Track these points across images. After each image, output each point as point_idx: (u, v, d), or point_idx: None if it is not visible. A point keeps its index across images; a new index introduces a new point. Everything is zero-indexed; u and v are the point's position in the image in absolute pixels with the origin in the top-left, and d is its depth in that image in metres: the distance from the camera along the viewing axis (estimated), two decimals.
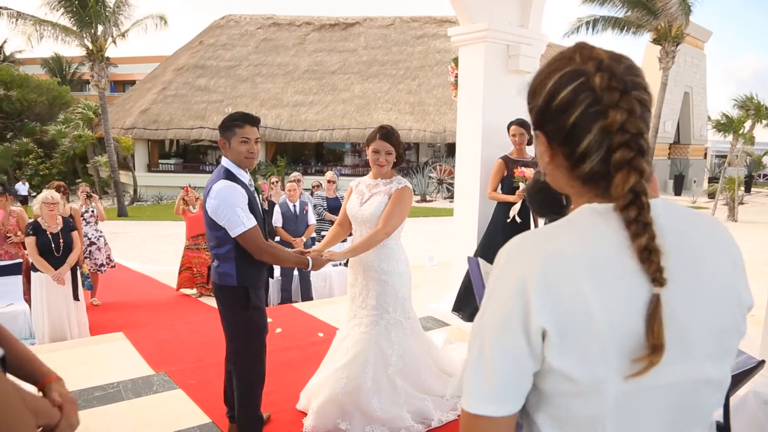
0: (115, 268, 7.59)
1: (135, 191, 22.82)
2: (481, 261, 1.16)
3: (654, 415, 0.86)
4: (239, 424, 2.94)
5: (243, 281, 2.75)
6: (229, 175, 2.73)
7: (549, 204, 2.39)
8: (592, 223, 0.87)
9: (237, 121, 2.73)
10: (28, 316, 5.53)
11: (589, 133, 0.85)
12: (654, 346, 0.79)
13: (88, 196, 7.24)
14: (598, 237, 0.85)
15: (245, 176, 2.80)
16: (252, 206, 2.72)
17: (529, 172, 4.44)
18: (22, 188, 20.35)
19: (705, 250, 0.89)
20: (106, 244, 7.35)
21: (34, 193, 19.17)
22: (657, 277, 0.80)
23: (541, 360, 0.84)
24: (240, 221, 2.63)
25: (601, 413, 0.84)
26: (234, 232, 2.64)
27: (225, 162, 2.78)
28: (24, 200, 19.18)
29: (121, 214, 18.92)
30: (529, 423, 0.92)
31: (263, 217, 2.90)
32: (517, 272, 0.84)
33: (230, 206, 2.63)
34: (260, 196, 2.99)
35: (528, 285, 0.82)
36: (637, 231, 0.82)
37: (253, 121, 2.78)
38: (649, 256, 0.81)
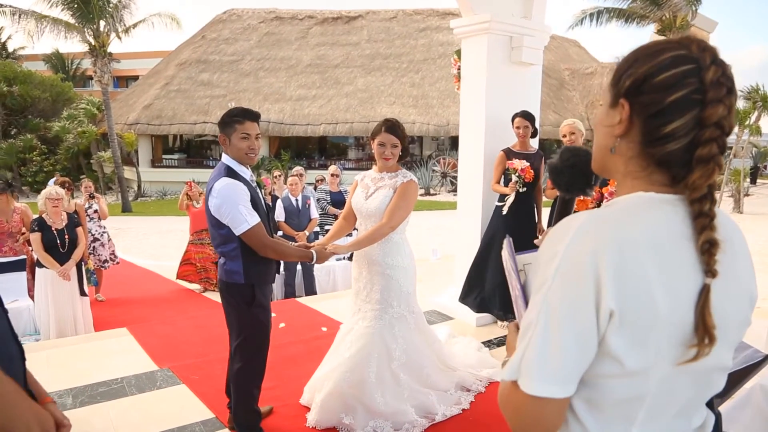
0: (119, 264, 7.59)
1: (139, 187, 22.85)
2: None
3: (679, 397, 0.90)
4: (236, 417, 2.94)
5: (250, 278, 2.74)
6: (231, 172, 2.70)
7: (577, 180, 2.34)
8: (656, 212, 0.88)
9: (237, 117, 2.70)
10: (33, 312, 5.55)
11: (682, 117, 0.86)
12: (707, 335, 0.83)
13: (91, 196, 7.22)
14: (664, 226, 0.87)
15: (246, 172, 2.78)
16: (255, 202, 2.70)
17: (519, 164, 4.41)
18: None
19: (735, 245, 0.92)
20: (109, 240, 7.35)
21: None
22: (711, 269, 0.84)
23: (600, 342, 0.85)
24: (243, 219, 2.61)
25: (641, 395, 0.86)
26: (238, 230, 2.62)
27: (225, 159, 2.75)
28: None
29: (125, 209, 18.95)
30: None
31: (267, 212, 2.88)
32: (589, 248, 0.84)
33: (233, 204, 2.60)
34: (263, 191, 2.97)
35: (600, 264, 0.82)
36: (705, 224, 0.85)
37: (253, 116, 2.75)
38: (709, 249, 0.84)
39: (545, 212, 4.69)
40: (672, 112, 0.87)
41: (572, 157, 2.34)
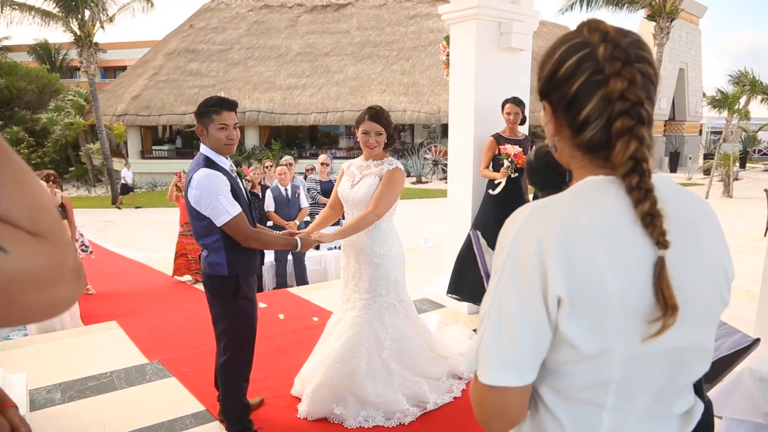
0: (92, 255, 7.50)
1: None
2: (479, 234, 1.13)
3: (650, 380, 0.89)
4: (224, 411, 2.92)
5: (234, 270, 2.71)
6: (209, 163, 2.65)
7: (551, 178, 2.33)
8: (600, 194, 0.89)
9: (214, 107, 2.64)
10: None
11: (590, 101, 0.88)
12: (667, 306, 0.82)
13: (48, 179, 6.85)
14: (607, 206, 0.87)
15: (226, 162, 2.73)
16: (235, 192, 2.66)
17: (512, 150, 4.39)
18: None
19: (698, 221, 0.92)
20: (81, 235, 7.24)
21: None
22: (661, 240, 0.83)
23: (554, 329, 0.85)
24: (224, 209, 2.57)
25: (606, 379, 0.86)
26: (219, 221, 2.58)
27: (204, 149, 2.70)
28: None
29: (115, 201, 18.80)
30: (531, 395, 0.94)
31: (248, 202, 2.84)
32: (534, 237, 0.85)
33: (213, 195, 2.56)
34: (243, 180, 2.92)
35: (545, 251, 0.83)
36: (639, 197, 0.85)
37: (231, 105, 2.69)
38: (652, 221, 0.84)
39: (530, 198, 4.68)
40: (581, 99, 0.89)
41: (546, 155, 2.33)
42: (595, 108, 0.88)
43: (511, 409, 0.89)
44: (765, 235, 9.77)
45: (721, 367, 1.63)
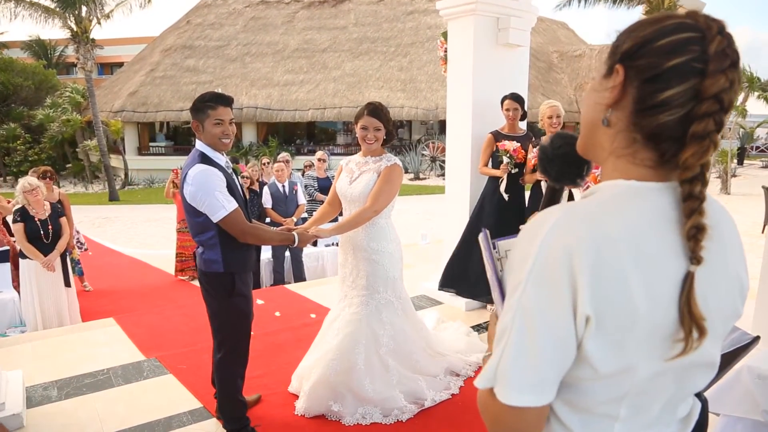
0: (88, 252, 7.49)
1: (126, 175, 22.59)
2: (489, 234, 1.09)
3: (663, 392, 0.86)
4: (220, 407, 2.92)
5: (230, 267, 2.69)
6: (205, 159, 2.64)
7: (567, 170, 2.25)
8: (639, 202, 0.82)
9: (209, 103, 2.63)
10: (18, 303, 5.47)
11: (679, 84, 0.79)
12: (693, 327, 0.78)
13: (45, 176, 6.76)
14: (641, 217, 0.81)
15: (221, 158, 2.72)
16: (231, 188, 2.64)
17: (510, 145, 4.38)
18: None
19: (725, 233, 0.87)
20: (77, 232, 7.22)
21: None
22: (697, 256, 0.78)
23: (579, 346, 0.80)
24: (220, 205, 2.55)
25: (621, 395, 0.83)
26: (215, 217, 2.57)
27: (199, 145, 2.68)
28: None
29: (113, 198, 18.75)
30: None
31: (244, 198, 2.82)
32: (562, 248, 0.78)
33: (208, 191, 2.55)
34: (239, 177, 2.91)
35: (576, 265, 0.77)
36: (694, 207, 0.79)
37: (226, 101, 2.68)
38: (696, 234, 0.78)
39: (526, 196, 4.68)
40: (669, 78, 0.79)
41: (564, 145, 2.26)
42: (681, 95, 0.79)
43: (528, 429, 0.84)
44: (763, 232, 9.78)
45: (721, 364, 1.62)
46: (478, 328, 4.34)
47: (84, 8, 18.49)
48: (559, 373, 0.81)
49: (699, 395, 1.02)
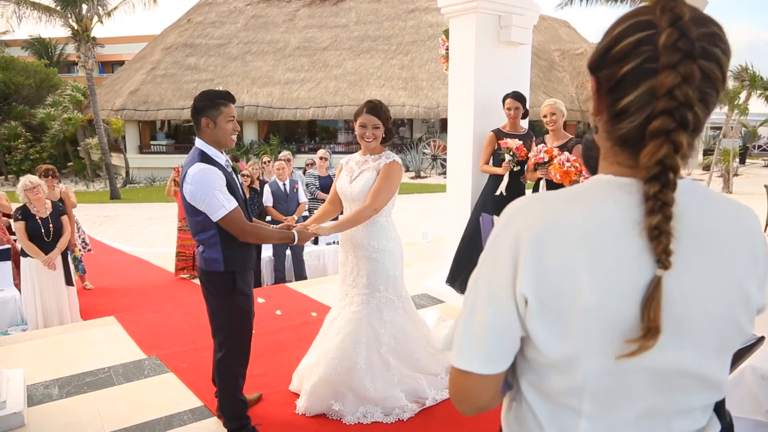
0: (91, 252, 7.50)
1: (127, 173, 22.60)
2: (495, 219, 1.07)
3: (635, 397, 0.84)
4: (221, 406, 2.91)
5: (230, 266, 2.68)
6: (205, 158, 2.63)
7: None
8: (604, 197, 0.82)
9: (223, 100, 2.63)
10: (19, 301, 5.47)
11: (635, 89, 0.78)
12: (649, 329, 0.76)
13: (51, 175, 6.81)
14: (606, 211, 0.81)
15: (222, 157, 2.71)
16: (231, 187, 2.63)
17: (513, 143, 4.37)
18: None
19: (722, 239, 0.83)
20: (79, 228, 7.22)
21: None
22: (662, 259, 0.76)
23: (525, 327, 0.84)
24: (220, 204, 2.54)
25: (578, 387, 0.84)
26: (215, 216, 2.56)
27: (199, 144, 2.66)
28: None
29: (114, 196, 18.75)
30: (516, 385, 0.95)
31: (244, 197, 2.82)
32: (513, 232, 0.83)
33: (208, 190, 2.54)
34: (239, 175, 2.90)
35: (520, 248, 0.81)
36: (653, 208, 0.77)
37: (233, 98, 2.72)
38: (658, 236, 0.76)
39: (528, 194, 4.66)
40: (626, 85, 0.79)
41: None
42: (638, 99, 0.78)
43: (478, 394, 0.90)
44: (765, 230, 9.77)
45: None
46: None
47: (84, 6, 18.47)
48: (504, 347, 0.86)
49: (722, 417, 0.96)
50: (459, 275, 4.71)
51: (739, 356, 1.60)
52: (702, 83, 0.77)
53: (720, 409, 0.96)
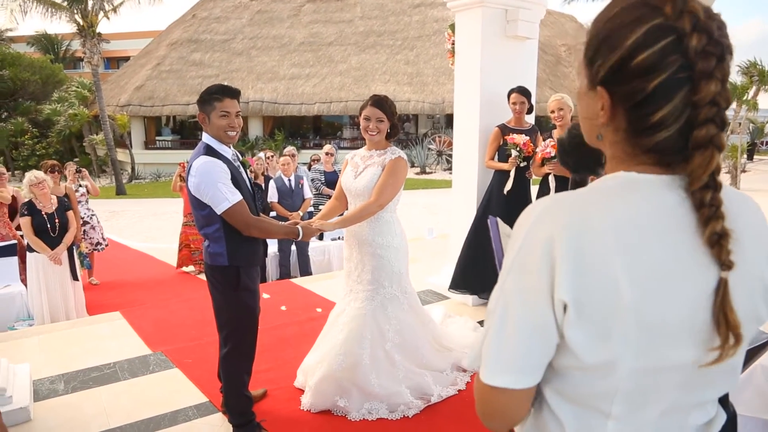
0: (108, 246, 7.53)
1: (133, 169, 22.67)
2: (499, 221, 1.04)
3: (661, 395, 0.82)
4: (226, 402, 2.90)
5: (235, 261, 2.67)
6: (210, 151, 2.62)
7: (585, 160, 2.21)
8: (637, 195, 0.79)
9: (216, 94, 2.61)
10: (25, 297, 5.49)
11: (670, 102, 0.74)
12: (729, 334, 0.74)
13: (77, 170, 7.12)
14: (642, 211, 0.78)
15: (228, 151, 2.70)
16: (236, 181, 2.62)
17: (520, 139, 4.34)
18: None
19: (746, 231, 0.81)
20: (99, 222, 7.27)
21: None
22: (726, 261, 0.74)
23: (561, 334, 0.79)
24: (224, 197, 2.53)
25: (611, 390, 0.81)
26: (219, 209, 2.55)
27: (205, 138, 2.67)
28: None
29: (120, 192, 18.82)
30: (536, 394, 0.90)
31: (251, 192, 2.80)
32: (545, 235, 0.77)
33: (212, 182, 2.53)
34: (247, 171, 2.89)
35: (555, 252, 0.76)
36: (710, 215, 0.75)
37: (233, 93, 2.66)
38: (719, 240, 0.74)
39: (533, 190, 4.64)
40: (658, 99, 0.75)
41: (579, 136, 2.22)
42: (674, 111, 0.74)
43: (511, 410, 0.86)
44: None
45: None
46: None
47: (90, 2, 18.49)
48: (540, 358, 0.81)
49: (726, 407, 0.97)
50: (468, 279, 4.66)
51: (752, 355, 1.58)
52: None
53: (724, 399, 0.97)
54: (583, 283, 0.75)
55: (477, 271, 4.57)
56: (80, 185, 7.05)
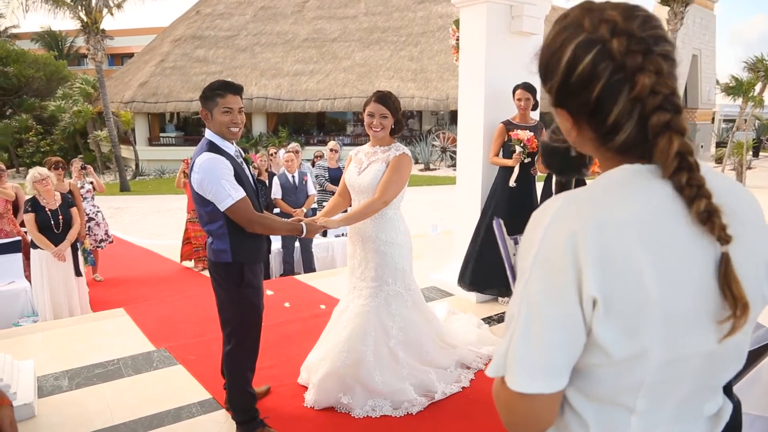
0: (113, 243, 7.54)
1: (137, 165, 22.70)
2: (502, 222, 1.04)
3: (684, 383, 0.84)
4: (230, 400, 2.89)
5: (238, 257, 2.66)
6: (213, 147, 2.61)
7: (570, 162, 2.19)
8: (638, 186, 0.81)
9: (218, 91, 2.59)
10: (30, 293, 5.50)
11: (616, 103, 0.80)
12: (737, 305, 0.77)
13: (83, 167, 7.13)
14: (648, 201, 0.80)
15: (231, 147, 2.69)
16: (240, 178, 2.61)
17: (524, 134, 4.31)
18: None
19: (744, 211, 0.85)
20: (104, 219, 7.28)
21: None
22: (722, 236, 0.77)
23: (588, 332, 0.79)
24: (227, 193, 2.52)
25: (637, 383, 0.81)
26: (222, 206, 2.54)
27: (208, 134, 2.66)
28: None
29: (124, 188, 18.85)
30: None
31: (255, 188, 2.79)
32: (566, 232, 0.78)
33: (215, 179, 2.52)
34: (250, 167, 2.88)
35: (580, 249, 0.76)
36: (692, 195, 0.78)
37: (235, 89, 2.64)
38: (709, 218, 0.77)
39: (538, 186, 4.62)
40: (605, 103, 0.80)
41: (548, 147, 2.19)
42: (624, 109, 0.80)
43: (541, 416, 0.83)
44: None
45: (746, 362, 1.57)
46: (489, 320, 4.29)
47: None
48: (569, 358, 0.80)
49: (731, 397, 0.98)
50: (474, 276, 4.65)
51: (760, 354, 1.56)
52: (668, 66, 0.80)
53: (729, 389, 0.99)
54: (610, 278, 0.75)
55: (481, 268, 4.55)
56: (86, 182, 7.06)
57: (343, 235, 6.93)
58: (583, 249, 0.76)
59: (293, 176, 6.82)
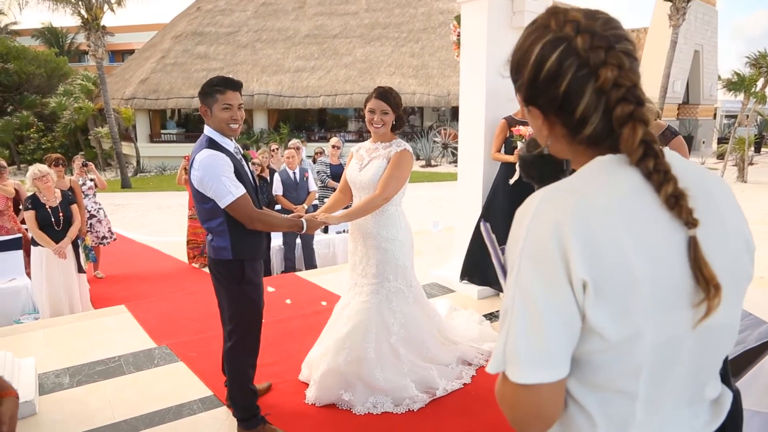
0: (116, 240, 7.53)
1: (138, 162, 22.70)
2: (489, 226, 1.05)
3: (682, 364, 0.86)
4: (231, 397, 2.89)
5: (239, 254, 2.66)
6: (212, 144, 2.60)
7: (548, 170, 2.19)
8: (612, 175, 0.85)
9: (217, 87, 2.58)
10: (31, 290, 5.51)
11: (582, 97, 0.85)
12: (710, 287, 0.80)
13: (84, 164, 7.14)
14: (623, 187, 0.84)
15: (230, 144, 2.68)
16: (239, 174, 2.60)
17: (526, 131, 4.30)
18: None
19: (715, 192, 0.89)
20: (105, 216, 7.28)
21: None
22: (690, 220, 0.81)
23: (583, 316, 0.81)
24: (227, 190, 2.51)
25: (636, 366, 0.83)
26: (222, 203, 2.53)
27: (207, 131, 2.64)
28: None
29: (125, 185, 18.86)
30: None
31: (255, 185, 2.78)
32: (550, 221, 0.81)
33: (215, 176, 2.51)
34: (249, 163, 2.86)
35: (564, 236, 0.79)
36: (660, 180, 0.82)
37: (235, 85, 2.63)
38: (677, 202, 0.81)
39: None
40: (573, 98, 0.86)
41: (526, 159, 2.18)
42: (590, 102, 0.85)
43: (547, 408, 0.84)
44: None
45: (747, 359, 1.57)
46: (491, 316, 4.29)
47: None
48: (568, 344, 0.82)
49: (729, 386, 1.00)
50: (473, 270, 4.64)
51: (761, 351, 1.55)
52: (630, 62, 0.85)
53: (727, 380, 1.01)
54: (597, 260, 0.78)
55: (482, 262, 4.55)
56: (88, 179, 7.05)
57: (344, 231, 6.93)
58: (567, 235, 0.79)
59: (294, 173, 6.81)
